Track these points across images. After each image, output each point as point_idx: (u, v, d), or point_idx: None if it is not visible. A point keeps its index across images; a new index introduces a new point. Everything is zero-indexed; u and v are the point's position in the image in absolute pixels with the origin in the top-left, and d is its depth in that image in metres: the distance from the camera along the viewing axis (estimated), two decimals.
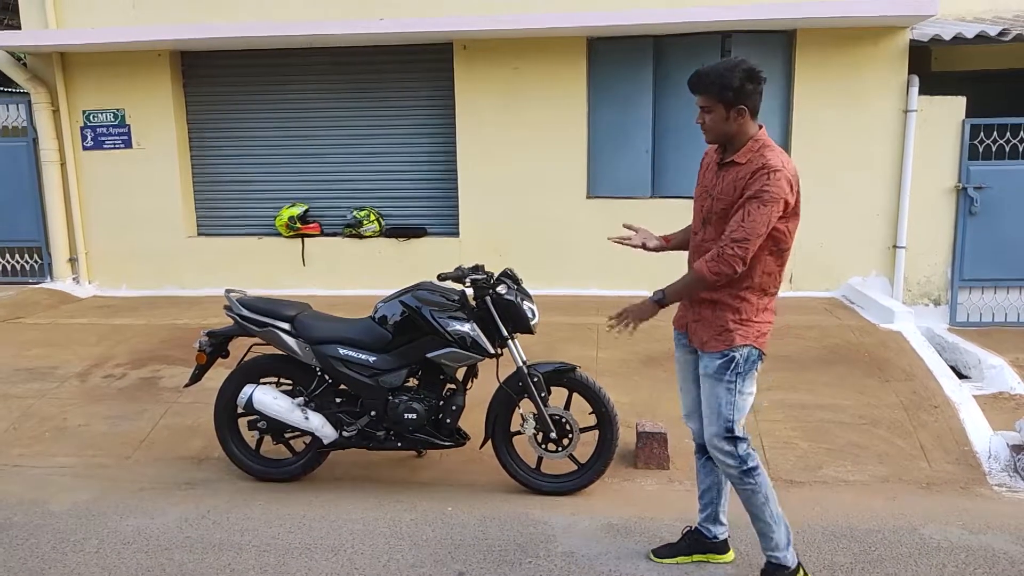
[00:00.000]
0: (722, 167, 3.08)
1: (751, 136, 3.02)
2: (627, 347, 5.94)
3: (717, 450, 3.13)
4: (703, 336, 3.15)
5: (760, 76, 2.98)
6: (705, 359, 3.15)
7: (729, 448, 3.10)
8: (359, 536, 3.72)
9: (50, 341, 6.46)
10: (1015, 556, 3.47)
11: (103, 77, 8.03)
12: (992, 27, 6.96)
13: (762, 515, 3.14)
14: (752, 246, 2.92)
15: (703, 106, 3.02)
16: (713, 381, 3.11)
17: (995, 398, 5.33)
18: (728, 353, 3.07)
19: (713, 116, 3.01)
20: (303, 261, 8.08)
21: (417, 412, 4.07)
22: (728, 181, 3.02)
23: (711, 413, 3.13)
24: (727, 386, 3.09)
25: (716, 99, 2.97)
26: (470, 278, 4.06)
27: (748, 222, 2.90)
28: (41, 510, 4.05)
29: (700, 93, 3.01)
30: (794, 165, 3.03)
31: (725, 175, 3.05)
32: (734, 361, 3.07)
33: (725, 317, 3.09)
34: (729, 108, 2.96)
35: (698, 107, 3.04)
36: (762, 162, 2.93)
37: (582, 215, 7.61)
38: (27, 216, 8.35)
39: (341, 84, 7.99)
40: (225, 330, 4.38)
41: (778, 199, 2.90)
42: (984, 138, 6.96)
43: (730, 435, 3.10)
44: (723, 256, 2.94)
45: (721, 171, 3.08)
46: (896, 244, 7.20)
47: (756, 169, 2.93)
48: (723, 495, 3.40)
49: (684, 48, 7.38)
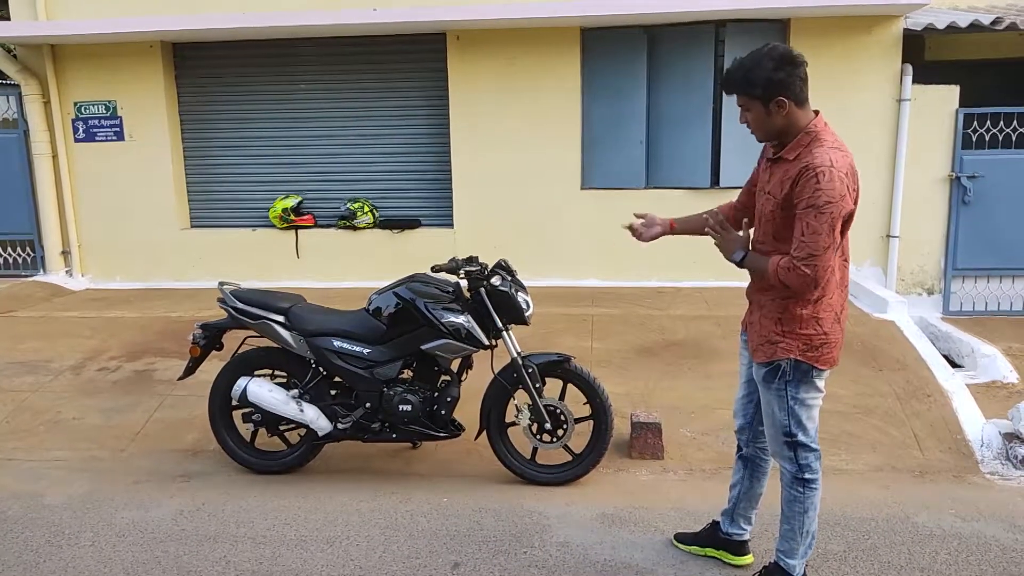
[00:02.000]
0: (772, 162, 2.89)
1: (803, 127, 2.79)
2: (621, 337, 5.95)
3: (776, 453, 3.04)
4: (753, 342, 3.01)
5: (797, 59, 2.76)
6: (755, 365, 3.02)
7: (788, 453, 2.97)
8: (354, 528, 3.73)
9: (43, 334, 6.45)
10: (1007, 543, 3.49)
11: (94, 69, 7.98)
12: (986, 16, 6.96)
13: (793, 522, 3.02)
14: (822, 262, 2.68)
15: (741, 105, 2.83)
16: (764, 387, 2.99)
17: (988, 387, 5.36)
18: (773, 362, 2.92)
19: (753, 115, 2.82)
20: (297, 253, 8.06)
21: (412, 404, 4.07)
22: (776, 179, 2.83)
23: (767, 417, 3.02)
24: (777, 394, 2.94)
25: (750, 96, 2.78)
26: (464, 269, 4.06)
27: (809, 237, 2.66)
28: (36, 503, 4.05)
29: (733, 93, 2.83)
30: (850, 157, 2.79)
31: (774, 171, 2.86)
32: (780, 369, 2.91)
33: (769, 327, 2.93)
34: (767, 103, 2.75)
35: (738, 107, 2.85)
36: (807, 161, 2.70)
37: (576, 206, 7.60)
38: (19, 209, 8.30)
39: (334, 75, 7.96)
40: (219, 323, 4.37)
41: (835, 201, 2.65)
42: (978, 127, 6.97)
43: (789, 439, 2.95)
44: (795, 270, 2.71)
45: (771, 166, 2.89)
46: (889, 233, 7.22)
47: (801, 170, 2.70)
48: (752, 500, 3.30)
49: (678, 38, 7.37)
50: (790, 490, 3.01)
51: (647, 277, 7.47)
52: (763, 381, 2.97)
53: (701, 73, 7.41)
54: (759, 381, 3.00)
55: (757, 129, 2.86)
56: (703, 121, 7.43)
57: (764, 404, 3.02)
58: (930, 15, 7.20)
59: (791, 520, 3.02)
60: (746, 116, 2.85)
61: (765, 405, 3.01)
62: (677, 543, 3.51)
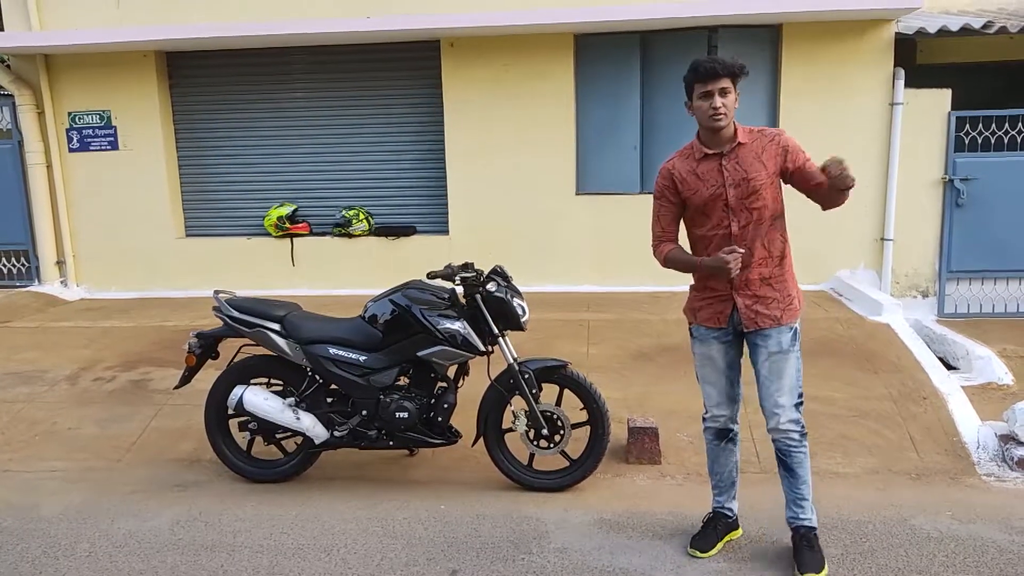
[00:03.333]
0: (725, 156, 3.20)
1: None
2: (618, 343, 5.96)
3: (790, 422, 3.23)
4: (775, 313, 3.22)
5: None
6: (777, 336, 3.22)
7: (798, 416, 3.24)
8: (352, 536, 3.72)
9: (39, 345, 6.43)
10: (1003, 545, 3.50)
11: (88, 78, 7.98)
12: (976, 20, 7.01)
13: (807, 478, 3.30)
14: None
15: (725, 88, 3.08)
16: (785, 355, 3.22)
17: (983, 389, 5.37)
18: (792, 325, 3.24)
19: (732, 98, 3.12)
20: (292, 261, 8.06)
21: (408, 411, 4.07)
22: (748, 160, 3.17)
23: (786, 388, 3.23)
24: (796, 355, 3.25)
25: (734, 79, 3.10)
26: (460, 276, 4.06)
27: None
28: (32, 514, 4.03)
29: (725, 76, 3.07)
30: None
31: (739, 159, 3.19)
32: (795, 330, 3.25)
33: (788, 289, 3.25)
34: (736, 89, 3.13)
35: (715, 94, 3.08)
36: (771, 133, 3.22)
37: (571, 211, 7.62)
38: (13, 219, 8.29)
39: (328, 83, 7.97)
40: (214, 331, 4.37)
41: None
42: (970, 130, 7.00)
43: (799, 399, 3.25)
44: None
45: (728, 161, 3.20)
46: (884, 237, 7.24)
47: (774, 135, 3.20)
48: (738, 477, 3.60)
49: (671, 44, 7.39)
50: (800, 450, 3.27)
51: (642, 282, 7.48)
52: (788, 347, 3.23)
53: None
54: (782, 351, 3.22)
55: (729, 112, 3.13)
56: (696, 126, 7.41)
57: (775, 373, 3.23)
58: (921, 19, 7.24)
59: (807, 476, 3.31)
60: (724, 100, 3.10)
61: (777, 374, 3.23)
62: (703, 554, 3.45)
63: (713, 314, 3.34)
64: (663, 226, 3.43)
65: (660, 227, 3.44)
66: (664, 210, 3.41)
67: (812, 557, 3.27)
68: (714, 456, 3.55)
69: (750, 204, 3.17)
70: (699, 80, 3.10)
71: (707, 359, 3.41)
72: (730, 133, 3.20)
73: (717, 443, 3.52)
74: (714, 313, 3.33)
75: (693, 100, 3.18)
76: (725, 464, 3.53)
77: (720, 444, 3.51)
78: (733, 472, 3.55)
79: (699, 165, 3.26)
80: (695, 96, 3.15)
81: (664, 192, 3.38)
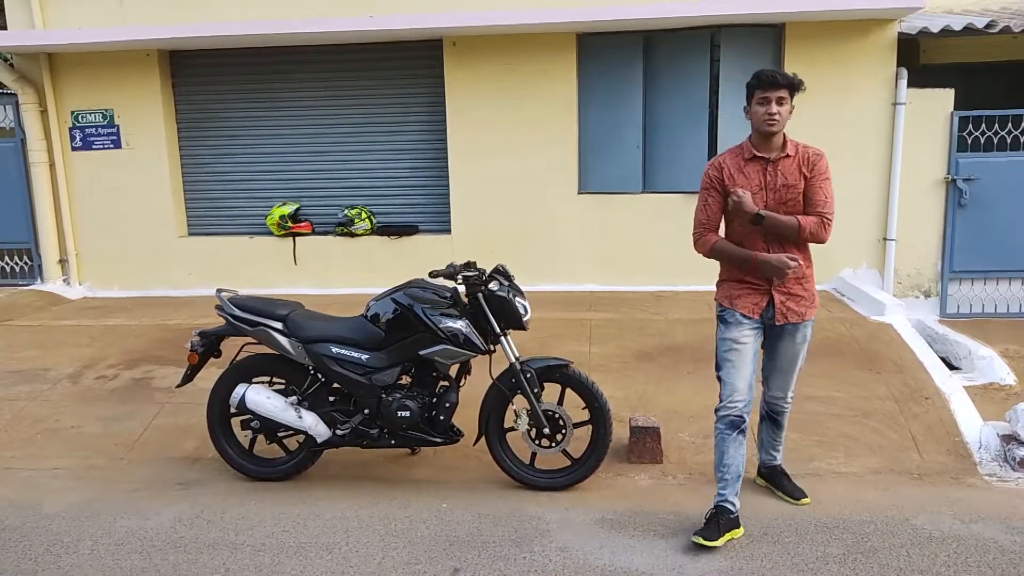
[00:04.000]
0: (772, 163, 3.51)
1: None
2: (619, 342, 5.96)
3: (792, 397, 3.88)
4: (803, 308, 3.62)
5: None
6: (803, 330, 3.67)
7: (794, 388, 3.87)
8: (354, 534, 3.72)
9: (41, 343, 6.44)
10: (1005, 545, 3.50)
11: (91, 77, 7.98)
12: (980, 19, 6.99)
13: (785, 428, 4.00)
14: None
15: (782, 97, 3.41)
16: (803, 346, 3.71)
17: (985, 389, 5.36)
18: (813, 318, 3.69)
19: (787, 109, 3.44)
20: (294, 260, 8.06)
21: (410, 410, 4.07)
22: (791, 170, 3.50)
23: (792, 367, 3.77)
24: (808, 343, 3.74)
25: (791, 92, 3.42)
26: (462, 275, 4.06)
27: (831, 199, 3.52)
28: (34, 512, 4.04)
29: (784, 86, 3.40)
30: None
31: (782, 167, 3.50)
32: (812, 322, 3.71)
33: (812, 288, 3.66)
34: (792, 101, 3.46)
35: (772, 101, 3.39)
36: (809, 148, 3.54)
37: (573, 211, 7.61)
38: (16, 218, 8.30)
39: (331, 82, 7.97)
40: (217, 330, 4.37)
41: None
42: (973, 130, 6.98)
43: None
44: (826, 225, 3.50)
45: (772, 167, 3.51)
46: (886, 236, 7.23)
47: (813, 154, 3.52)
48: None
49: (674, 43, 7.39)
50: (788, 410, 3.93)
51: (645, 281, 7.49)
52: (808, 338, 3.71)
53: (697, 78, 7.43)
54: (805, 341, 3.70)
55: (782, 120, 3.44)
56: (699, 125, 7.45)
57: (793, 362, 3.75)
58: (925, 19, 7.23)
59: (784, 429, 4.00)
60: (779, 108, 3.41)
61: (794, 363, 3.75)
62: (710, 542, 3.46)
63: (749, 304, 3.60)
64: (709, 215, 3.65)
65: (706, 215, 3.65)
66: (712, 200, 3.63)
67: (795, 486, 3.97)
68: (724, 448, 3.61)
69: (788, 210, 3.50)
70: (760, 87, 3.42)
71: (736, 343, 3.61)
72: (780, 141, 3.51)
73: (730, 434, 3.59)
74: (751, 304, 3.60)
75: (752, 105, 3.47)
76: (735, 457, 3.60)
77: (733, 435, 3.59)
78: (741, 466, 3.63)
79: (746, 165, 3.54)
80: (754, 101, 3.45)
81: (713, 183, 3.61)
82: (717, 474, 3.64)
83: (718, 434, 3.63)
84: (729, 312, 3.64)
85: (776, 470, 4.05)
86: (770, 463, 4.06)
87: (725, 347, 3.64)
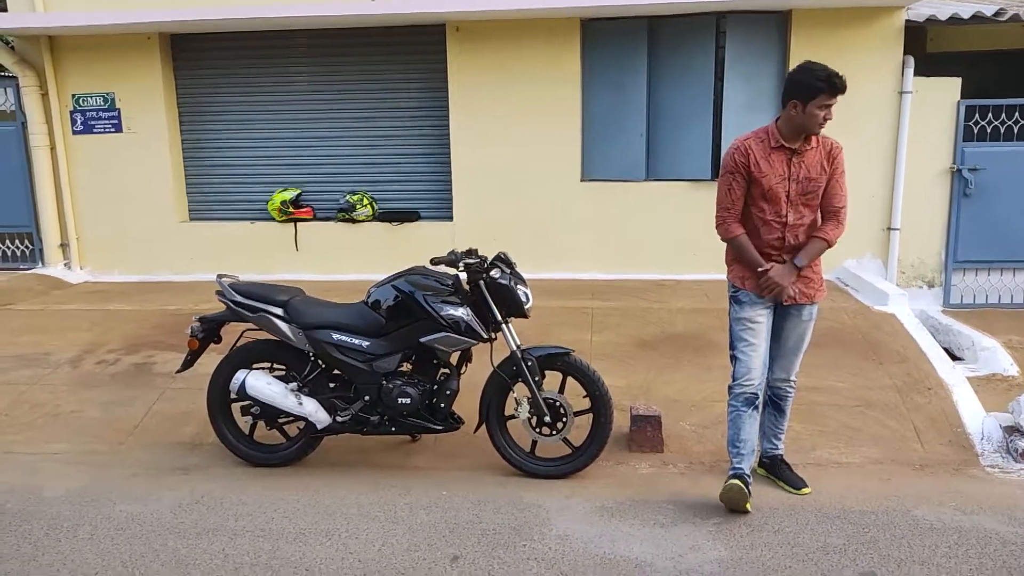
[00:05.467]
0: (797, 154, 3.57)
1: None
2: (621, 331, 5.94)
3: (796, 378, 3.90)
4: (813, 290, 3.72)
5: None
6: (811, 308, 3.75)
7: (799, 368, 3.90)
8: (353, 521, 3.72)
9: (42, 327, 6.43)
10: (1007, 536, 3.49)
11: (92, 60, 7.94)
12: (988, 7, 6.93)
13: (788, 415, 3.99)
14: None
15: (831, 104, 3.47)
16: (809, 324, 3.78)
17: (988, 380, 5.34)
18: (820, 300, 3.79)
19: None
20: (296, 246, 8.04)
21: (411, 397, 4.06)
22: (814, 163, 3.58)
23: (798, 347, 3.81)
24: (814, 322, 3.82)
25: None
26: (463, 262, 4.04)
27: (846, 191, 3.65)
28: (34, 496, 4.04)
29: (843, 93, 3.47)
30: None
31: (806, 160, 3.58)
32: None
33: (820, 271, 3.78)
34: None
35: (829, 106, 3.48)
36: (830, 142, 3.63)
37: (576, 198, 7.58)
38: (17, 201, 8.27)
39: (334, 67, 7.92)
40: (217, 315, 4.36)
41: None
42: (979, 119, 6.93)
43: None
44: (842, 222, 3.64)
45: (797, 158, 3.57)
46: (890, 226, 7.20)
47: (834, 147, 3.62)
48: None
49: (678, 29, 7.33)
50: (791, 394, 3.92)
51: (647, 270, 7.46)
52: (815, 316, 3.78)
53: (702, 65, 7.37)
54: (812, 319, 3.77)
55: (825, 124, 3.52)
56: (704, 113, 7.40)
57: (801, 340, 3.79)
58: (932, 6, 7.17)
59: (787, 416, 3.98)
60: (830, 113, 3.49)
61: (801, 340, 3.79)
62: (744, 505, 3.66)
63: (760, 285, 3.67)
64: (733, 200, 3.66)
65: (730, 200, 3.66)
66: (737, 185, 3.64)
67: (796, 476, 3.96)
68: (741, 424, 3.70)
69: (808, 201, 3.60)
70: (828, 92, 3.42)
71: (751, 323, 3.69)
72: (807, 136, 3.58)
73: (746, 410, 3.68)
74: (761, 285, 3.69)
75: (808, 106, 3.45)
76: (750, 432, 3.72)
77: (748, 411, 3.70)
78: (755, 440, 3.80)
79: (772, 153, 3.58)
80: (814, 104, 3.44)
81: (739, 168, 3.62)
82: (732, 449, 3.73)
83: (733, 411, 3.72)
84: (743, 292, 3.71)
85: (777, 460, 4.05)
86: (771, 452, 4.05)
87: (740, 326, 3.72)
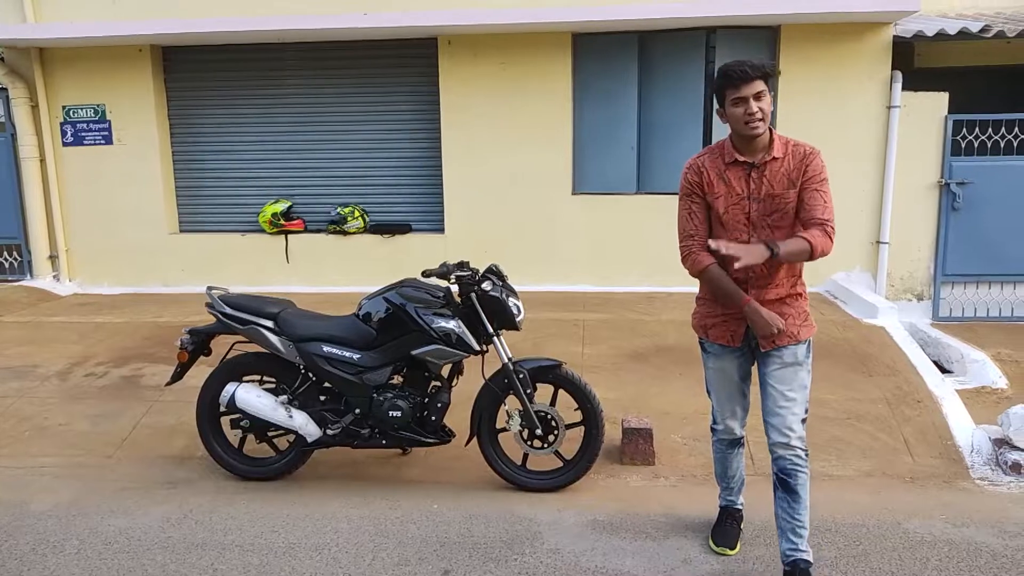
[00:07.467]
0: (756, 168, 3.02)
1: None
2: (612, 343, 5.95)
3: (798, 440, 3.08)
4: (793, 330, 3.08)
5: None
6: (794, 349, 3.09)
7: (803, 431, 3.10)
8: (343, 534, 3.70)
9: (30, 339, 6.39)
10: (997, 549, 3.49)
11: (83, 72, 7.94)
12: (974, 23, 7.01)
13: (808, 501, 3.10)
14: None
15: (759, 91, 2.90)
16: (798, 368, 3.10)
17: (978, 392, 5.37)
18: (808, 339, 3.14)
19: (767, 102, 2.94)
20: (287, 258, 8.03)
21: (402, 410, 4.05)
22: (779, 177, 3.00)
23: (796, 402, 3.09)
24: (807, 369, 3.14)
25: (767, 83, 2.92)
26: (455, 275, 4.04)
27: (830, 203, 2.99)
28: (21, 511, 4.00)
29: (758, 78, 2.89)
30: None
31: (769, 173, 3.01)
32: (809, 343, 3.15)
33: (803, 306, 3.15)
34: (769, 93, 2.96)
35: (749, 99, 2.89)
36: (803, 147, 3.02)
37: (568, 211, 7.60)
38: (6, 213, 8.25)
39: (325, 79, 7.94)
40: (207, 328, 4.34)
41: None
42: (967, 134, 7.00)
43: (805, 415, 3.13)
44: (828, 233, 2.95)
45: (757, 172, 3.02)
46: (879, 239, 7.25)
47: (805, 153, 3.01)
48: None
49: (669, 44, 7.39)
50: (804, 470, 3.08)
51: (638, 282, 7.48)
52: (803, 360, 3.12)
53: (692, 79, 7.43)
54: (797, 363, 3.09)
55: (765, 117, 2.94)
56: (694, 126, 7.45)
57: (792, 388, 3.09)
58: (920, 22, 7.25)
59: (807, 502, 3.10)
60: (759, 105, 2.91)
61: (795, 388, 3.09)
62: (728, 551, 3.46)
63: (726, 332, 3.20)
64: (696, 225, 3.15)
65: (693, 226, 3.15)
66: (696, 208, 3.15)
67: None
68: (725, 463, 3.52)
69: (776, 222, 3.03)
70: (731, 86, 2.91)
71: (720, 372, 3.31)
72: (765, 141, 3.02)
73: (729, 451, 3.49)
74: (727, 332, 3.20)
75: (726, 107, 2.98)
76: (736, 468, 3.53)
77: (731, 452, 3.49)
78: (742, 472, 3.57)
79: (727, 170, 3.07)
80: (728, 103, 2.96)
81: (694, 189, 3.13)
82: (721, 483, 3.59)
83: (716, 451, 3.52)
84: (707, 342, 3.31)
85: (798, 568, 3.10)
86: (792, 556, 3.10)
87: (710, 375, 3.37)
